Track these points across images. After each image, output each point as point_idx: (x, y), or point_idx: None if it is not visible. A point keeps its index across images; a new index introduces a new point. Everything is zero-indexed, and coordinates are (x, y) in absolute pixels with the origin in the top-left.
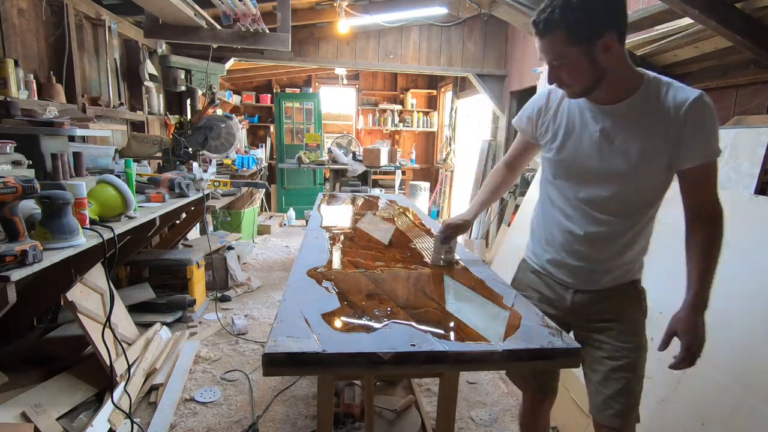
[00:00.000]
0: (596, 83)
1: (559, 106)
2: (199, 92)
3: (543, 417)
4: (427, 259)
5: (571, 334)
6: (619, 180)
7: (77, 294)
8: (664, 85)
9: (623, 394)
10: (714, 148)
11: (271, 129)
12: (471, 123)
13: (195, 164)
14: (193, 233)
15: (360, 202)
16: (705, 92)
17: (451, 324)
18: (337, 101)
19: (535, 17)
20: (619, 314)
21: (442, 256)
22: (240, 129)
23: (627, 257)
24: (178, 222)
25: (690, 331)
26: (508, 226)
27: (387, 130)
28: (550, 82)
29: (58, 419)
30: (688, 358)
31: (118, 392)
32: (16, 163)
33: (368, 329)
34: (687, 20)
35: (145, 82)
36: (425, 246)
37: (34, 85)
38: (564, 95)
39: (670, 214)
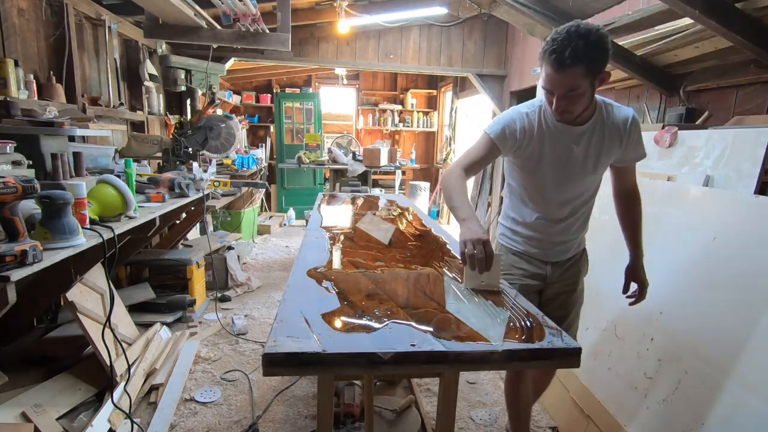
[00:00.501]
0: (587, 108)
1: (537, 126)
2: (199, 92)
3: (524, 386)
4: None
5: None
6: (588, 180)
7: (77, 294)
8: (606, 105)
9: (573, 320)
10: (643, 152)
11: (271, 129)
12: (471, 123)
13: (195, 164)
14: (193, 233)
15: (360, 202)
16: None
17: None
18: (337, 101)
19: (556, 53)
20: (578, 275)
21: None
22: (240, 129)
23: (582, 234)
24: (178, 222)
25: (640, 277)
26: None
27: (387, 130)
28: (557, 109)
29: (58, 419)
30: (643, 295)
31: (118, 392)
32: (16, 163)
33: (368, 329)
34: (687, 20)
35: (145, 82)
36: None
37: (34, 85)
38: (539, 116)
39: (672, 213)
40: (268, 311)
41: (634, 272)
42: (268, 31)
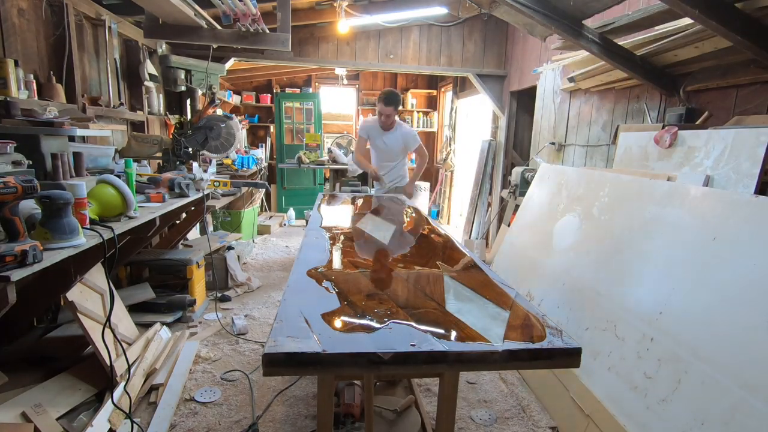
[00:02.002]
0: (393, 123)
1: (374, 128)
2: (199, 92)
3: None
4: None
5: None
6: (397, 151)
7: (77, 294)
8: (400, 123)
9: None
10: (417, 140)
11: (271, 129)
12: (471, 123)
13: (195, 164)
14: (193, 233)
15: (360, 202)
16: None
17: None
18: (337, 101)
19: (384, 100)
20: (400, 194)
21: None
22: (240, 129)
23: (401, 173)
24: (178, 222)
25: (409, 189)
26: (508, 226)
27: None
28: (382, 122)
29: (58, 419)
30: (410, 197)
31: (118, 392)
32: (16, 163)
33: (368, 329)
34: (687, 20)
35: (145, 82)
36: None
37: (34, 85)
38: (375, 125)
39: (672, 213)
40: (268, 311)
41: (410, 188)
42: (268, 31)
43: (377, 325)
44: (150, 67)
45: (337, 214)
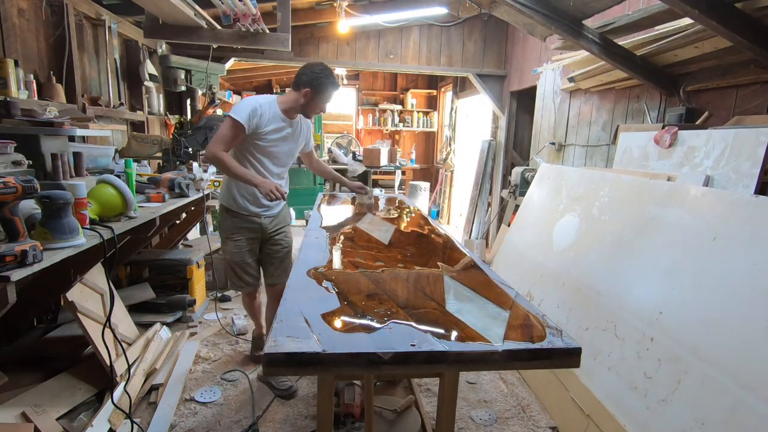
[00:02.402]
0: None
1: (273, 115)
2: (199, 92)
3: (258, 300)
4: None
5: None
6: (296, 152)
7: (77, 294)
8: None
9: (288, 266)
10: (312, 143)
11: None
12: (471, 123)
13: (195, 164)
14: (193, 233)
15: (360, 202)
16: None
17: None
18: (337, 101)
19: (334, 84)
20: (284, 222)
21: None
22: None
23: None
24: (178, 222)
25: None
26: (508, 226)
27: (387, 130)
28: (311, 113)
29: (58, 419)
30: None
31: (118, 392)
32: (16, 163)
33: (368, 329)
34: (687, 20)
35: (145, 82)
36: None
37: (34, 85)
38: (276, 111)
39: (672, 213)
40: None
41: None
42: (268, 31)
43: (377, 325)
44: (150, 67)
45: (337, 214)
